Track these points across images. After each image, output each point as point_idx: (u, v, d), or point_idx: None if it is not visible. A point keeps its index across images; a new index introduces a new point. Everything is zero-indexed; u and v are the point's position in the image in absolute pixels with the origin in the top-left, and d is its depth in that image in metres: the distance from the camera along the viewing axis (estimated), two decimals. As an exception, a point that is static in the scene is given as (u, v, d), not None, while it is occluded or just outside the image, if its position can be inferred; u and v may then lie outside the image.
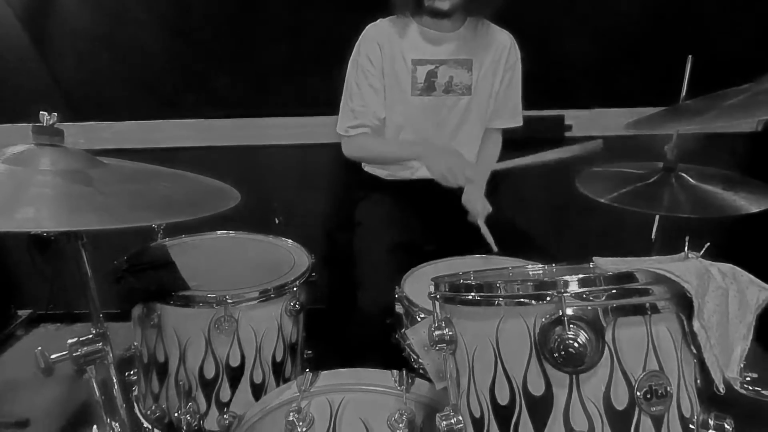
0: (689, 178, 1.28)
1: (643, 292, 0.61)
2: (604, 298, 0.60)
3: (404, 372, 0.93)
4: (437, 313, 0.74)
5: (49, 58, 1.92)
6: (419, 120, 1.56)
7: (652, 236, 1.43)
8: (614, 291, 0.61)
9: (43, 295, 2.01)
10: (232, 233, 1.47)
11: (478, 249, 1.34)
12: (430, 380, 0.89)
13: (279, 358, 1.20)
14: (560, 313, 0.59)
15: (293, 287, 1.20)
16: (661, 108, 1.14)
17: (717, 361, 0.62)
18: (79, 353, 0.81)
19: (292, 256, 1.34)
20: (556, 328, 0.59)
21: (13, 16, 1.87)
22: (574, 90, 2.02)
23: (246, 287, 1.14)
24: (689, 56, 1.27)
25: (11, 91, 1.93)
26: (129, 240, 1.27)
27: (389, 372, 0.93)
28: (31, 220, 0.69)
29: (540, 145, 1.36)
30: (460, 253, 1.35)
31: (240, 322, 1.12)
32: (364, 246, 1.47)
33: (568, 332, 0.58)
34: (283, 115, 1.99)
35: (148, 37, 1.92)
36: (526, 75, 1.62)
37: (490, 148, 1.65)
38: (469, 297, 0.69)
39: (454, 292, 0.71)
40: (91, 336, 0.83)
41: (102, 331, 0.84)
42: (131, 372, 1.26)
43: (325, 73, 1.71)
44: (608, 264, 0.69)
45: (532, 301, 0.62)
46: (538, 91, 1.68)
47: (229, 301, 1.11)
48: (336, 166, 1.97)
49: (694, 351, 0.63)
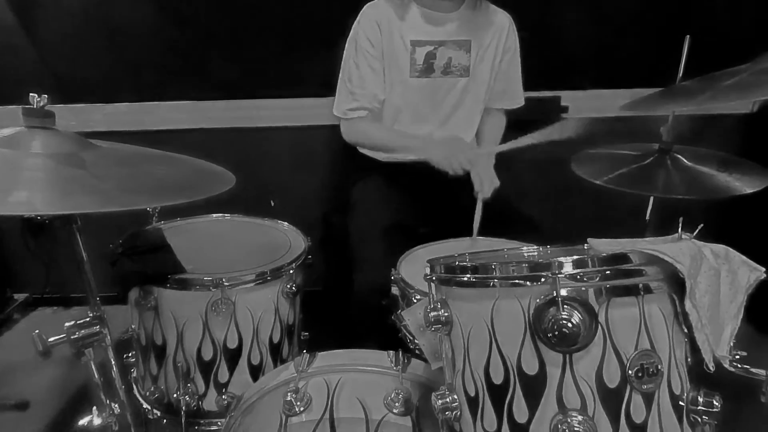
0: (684, 160, 1.29)
1: (637, 273, 0.62)
2: (597, 279, 0.61)
3: (400, 352, 0.94)
4: (433, 295, 0.75)
5: (37, 39, 1.88)
6: (417, 102, 1.54)
7: (647, 217, 1.44)
8: (608, 272, 0.61)
9: (39, 278, 2.01)
10: (227, 216, 1.47)
11: (473, 231, 1.35)
12: (425, 360, 0.90)
13: (276, 340, 1.21)
14: (554, 294, 0.59)
15: (289, 270, 1.20)
16: (658, 89, 1.14)
17: (707, 340, 0.63)
18: (76, 336, 0.82)
19: (288, 239, 1.34)
20: (551, 309, 0.60)
21: (-1, -5, 1.82)
22: (571, 71, 2.01)
23: (242, 270, 1.15)
24: (687, 36, 1.26)
25: (-1, 72, 1.90)
26: (124, 223, 1.27)
27: (385, 353, 0.94)
28: (25, 204, 0.68)
29: (536, 127, 1.36)
30: (456, 234, 1.36)
31: (237, 304, 1.12)
32: (360, 228, 1.47)
33: (562, 313, 0.59)
34: (278, 97, 1.97)
35: (139, 17, 1.88)
36: (523, 56, 1.61)
37: (495, 127, 1.66)
38: (465, 278, 0.69)
39: (449, 274, 0.72)
40: (88, 319, 0.84)
41: (99, 314, 0.85)
42: (129, 354, 1.26)
43: (321, 53, 1.69)
44: (603, 245, 0.70)
45: (527, 283, 0.63)
46: (535, 73, 1.67)
47: (226, 284, 1.11)
48: (331, 148, 1.96)
49: (686, 330, 0.64)
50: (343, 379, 0.88)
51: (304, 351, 0.96)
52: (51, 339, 0.80)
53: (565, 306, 0.59)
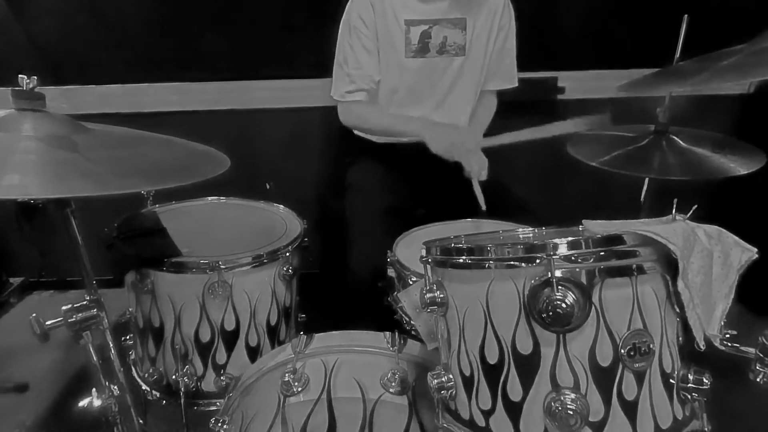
0: (680, 141, 1.29)
1: (631, 254, 0.62)
2: (592, 260, 0.61)
3: (397, 333, 0.95)
4: (429, 276, 0.75)
5: (26, 19, 1.84)
6: (413, 83, 1.53)
7: (642, 199, 1.45)
8: (602, 253, 0.62)
9: (35, 262, 2.00)
10: (223, 199, 1.46)
11: (470, 213, 1.35)
12: (421, 341, 0.91)
13: (273, 322, 1.22)
14: (549, 275, 0.60)
15: (286, 252, 1.20)
16: (655, 69, 1.13)
17: (699, 320, 0.64)
18: (74, 319, 0.82)
19: (284, 222, 1.34)
20: (545, 290, 0.60)
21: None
22: (568, 51, 1.99)
23: (239, 253, 1.15)
24: (685, 16, 1.24)
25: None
26: (119, 206, 1.26)
27: (382, 334, 0.95)
28: (17, 187, 0.68)
29: (532, 107, 1.36)
30: (452, 216, 1.36)
31: (234, 287, 1.13)
32: (356, 210, 1.47)
33: (557, 293, 0.59)
34: (272, 78, 1.95)
35: (130, -3, 1.84)
36: (518, 35, 1.59)
37: (486, 109, 1.64)
38: (460, 260, 0.70)
39: (445, 256, 0.72)
40: (85, 302, 0.84)
41: (96, 298, 0.85)
42: (127, 337, 1.27)
43: (315, 34, 1.66)
44: (597, 227, 0.70)
45: (522, 264, 0.63)
46: (531, 53, 1.65)
47: (222, 267, 1.11)
48: (327, 129, 1.94)
49: (678, 310, 0.65)
50: (340, 360, 0.89)
51: (302, 333, 0.97)
52: (48, 322, 0.81)
53: (560, 287, 0.60)
